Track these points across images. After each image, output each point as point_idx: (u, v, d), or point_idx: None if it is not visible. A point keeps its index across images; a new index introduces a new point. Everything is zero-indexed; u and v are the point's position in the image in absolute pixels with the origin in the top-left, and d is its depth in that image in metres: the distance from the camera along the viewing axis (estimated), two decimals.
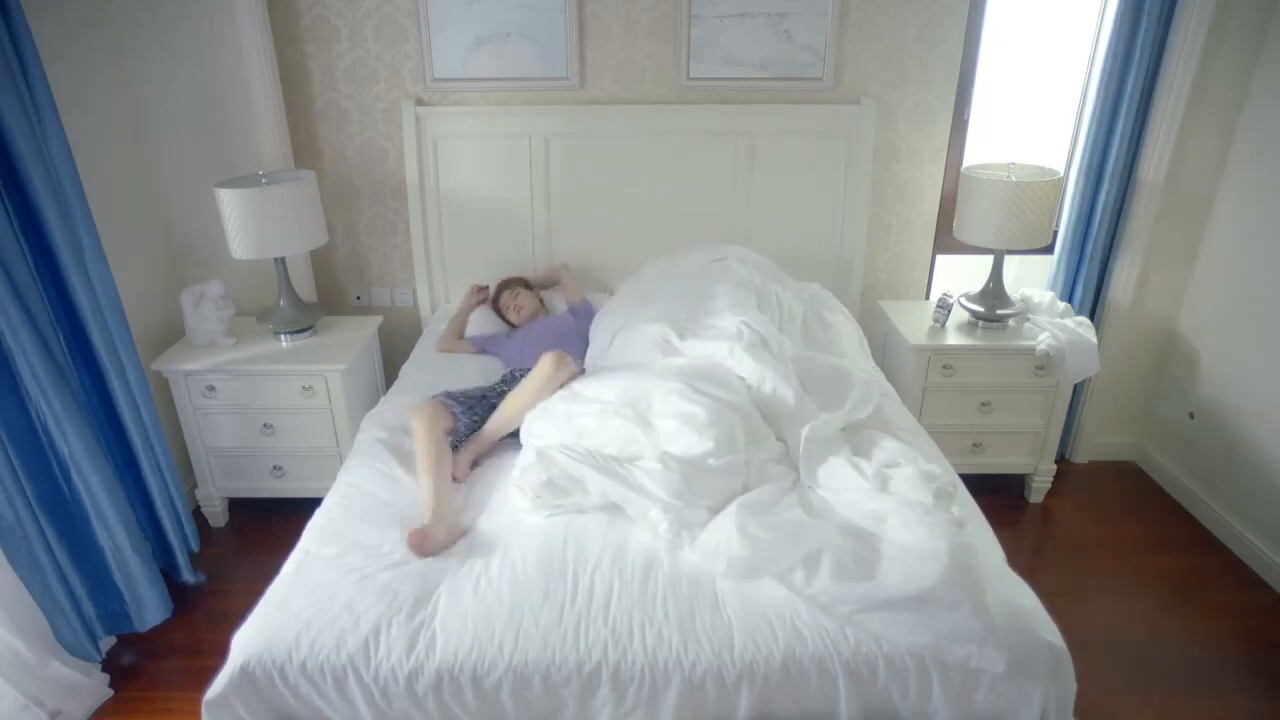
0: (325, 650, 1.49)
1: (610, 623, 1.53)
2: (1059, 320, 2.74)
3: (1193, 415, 2.95)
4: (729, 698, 1.48)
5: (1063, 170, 2.88)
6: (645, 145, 2.88)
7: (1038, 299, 2.86)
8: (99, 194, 2.27)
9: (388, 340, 3.17)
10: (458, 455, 2.05)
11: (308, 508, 1.92)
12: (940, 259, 3.17)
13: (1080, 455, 3.26)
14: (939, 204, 3.03)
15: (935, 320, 2.81)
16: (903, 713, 1.52)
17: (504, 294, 2.83)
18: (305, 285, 2.95)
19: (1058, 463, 2.99)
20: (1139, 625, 2.41)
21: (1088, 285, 2.94)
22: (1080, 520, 2.93)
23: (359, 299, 3.18)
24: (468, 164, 2.90)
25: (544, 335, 2.62)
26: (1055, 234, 2.92)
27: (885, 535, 1.65)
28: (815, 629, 1.51)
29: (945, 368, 2.74)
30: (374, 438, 2.15)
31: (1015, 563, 1.69)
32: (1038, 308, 2.83)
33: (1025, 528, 2.90)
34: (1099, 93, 2.70)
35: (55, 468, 2.06)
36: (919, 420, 2.42)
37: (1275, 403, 2.58)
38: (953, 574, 1.48)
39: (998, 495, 2.96)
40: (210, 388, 2.62)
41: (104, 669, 2.18)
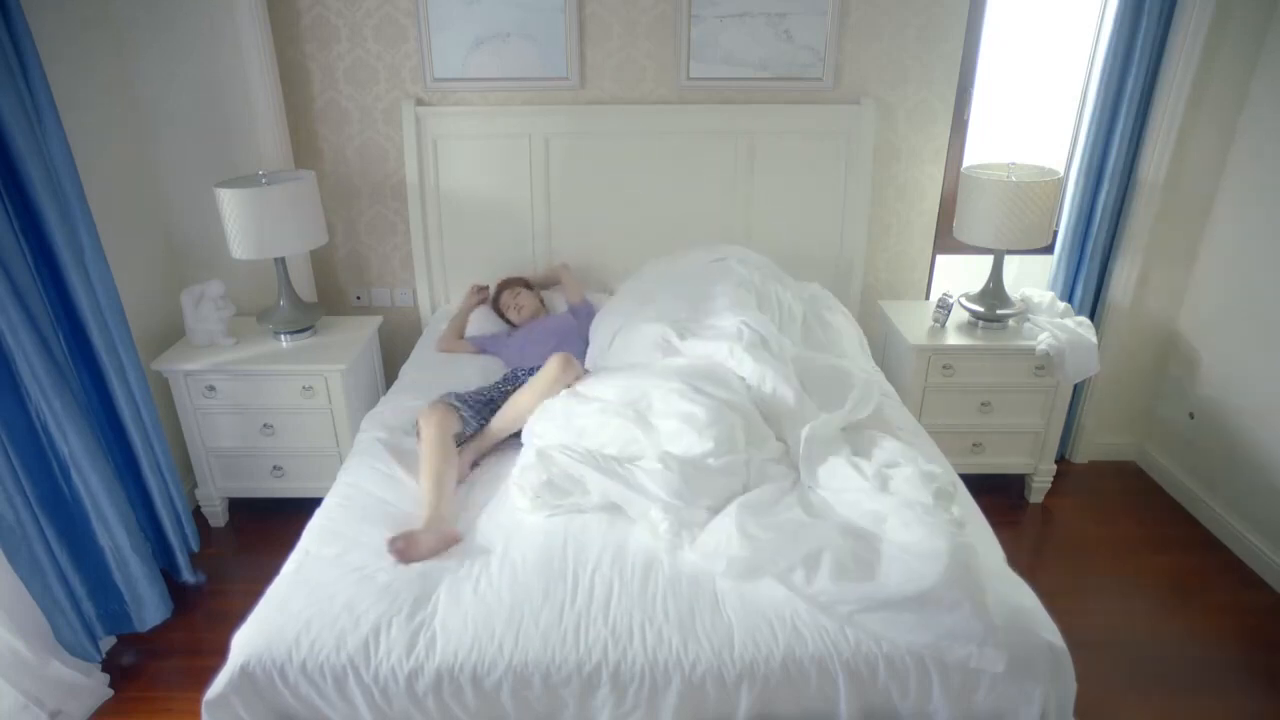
0: (325, 650, 1.49)
1: (610, 623, 1.53)
2: (1059, 320, 2.73)
3: (1193, 415, 2.95)
4: (729, 698, 1.48)
5: (1063, 170, 2.88)
6: (645, 145, 2.88)
7: (1038, 299, 2.86)
8: (99, 194, 2.27)
9: (388, 340, 3.17)
10: (460, 454, 2.05)
11: (308, 508, 1.92)
12: (940, 259, 3.17)
13: (1080, 455, 3.26)
14: (939, 204, 3.03)
15: (935, 320, 2.81)
16: (903, 713, 1.52)
17: (504, 294, 2.83)
18: (305, 285, 2.95)
19: (1058, 463, 2.99)
20: (1139, 625, 2.41)
21: (1088, 285, 2.94)
22: (1080, 520, 2.93)
23: (359, 299, 3.18)
24: (468, 164, 2.90)
25: (544, 335, 2.62)
26: (1055, 234, 2.92)
27: (885, 535, 1.65)
28: (815, 629, 1.51)
29: (945, 368, 2.74)
30: (374, 438, 2.15)
31: (1015, 563, 1.69)
32: (1038, 308, 2.83)
33: (1025, 528, 2.90)
34: (1099, 93, 2.70)
35: (55, 468, 2.06)
36: (919, 420, 2.42)
37: (1275, 403, 2.58)
38: (953, 574, 1.48)
39: (998, 495, 2.96)
40: (210, 388, 2.62)
41: (104, 669, 2.18)
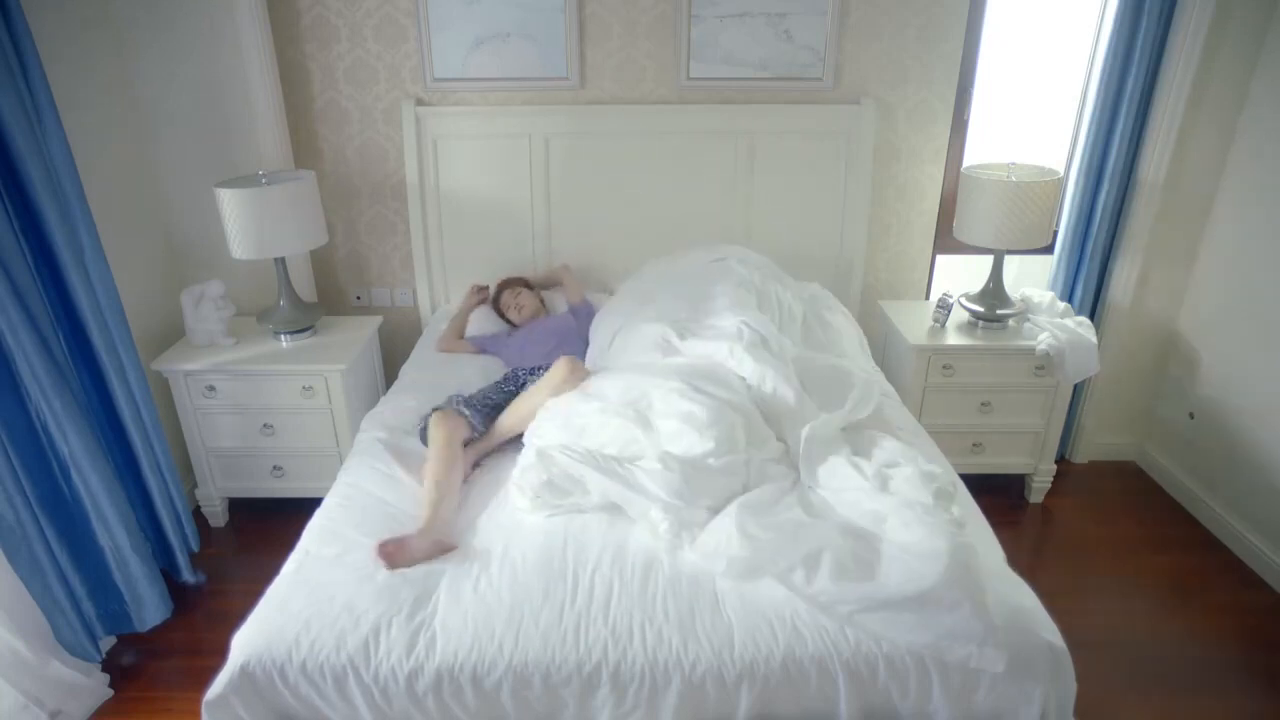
0: (325, 650, 1.49)
1: (610, 623, 1.53)
2: (1059, 320, 2.73)
3: (1193, 415, 2.95)
4: (729, 698, 1.48)
5: (1063, 170, 2.88)
6: (645, 145, 2.88)
7: (1038, 299, 2.86)
8: (99, 194, 2.27)
9: (388, 340, 3.17)
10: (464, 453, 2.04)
11: (308, 508, 1.92)
12: (940, 259, 3.17)
13: (1080, 455, 3.26)
14: (939, 204, 3.03)
15: (935, 320, 2.81)
16: (903, 713, 1.52)
17: (505, 293, 2.83)
18: (305, 285, 2.95)
19: (1058, 463, 2.99)
20: (1139, 625, 2.41)
21: (1088, 285, 2.94)
22: (1080, 520, 2.93)
23: (359, 299, 3.18)
24: (468, 164, 2.90)
25: (544, 335, 2.62)
26: (1055, 234, 2.91)
27: (885, 535, 1.65)
28: (815, 629, 1.51)
29: (945, 368, 2.74)
30: (374, 438, 2.15)
31: (1015, 563, 1.69)
32: (1038, 308, 2.83)
33: (1025, 528, 2.89)
34: (1099, 93, 2.70)
35: (55, 468, 2.06)
36: (919, 420, 2.42)
37: (1275, 403, 2.58)
38: (953, 574, 1.48)
39: (998, 495, 2.96)
40: (210, 388, 2.62)
41: (104, 669, 2.18)
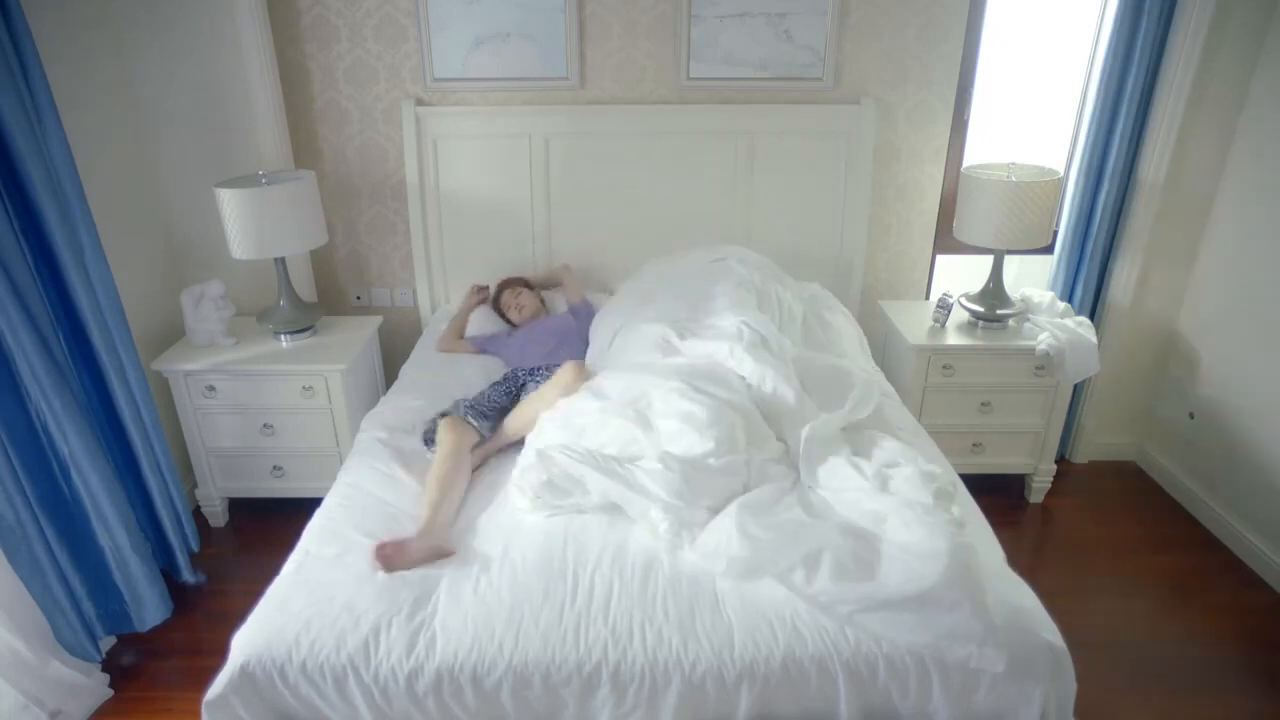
0: (325, 650, 1.49)
1: (610, 623, 1.53)
2: (1059, 320, 2.73)
3: (1193, 415, 2.95)
4: (729, 698, 1.48)
5: (1063, 170, 2.88)
6: (645, 145, 2.88)
7: (1038, 299, 2.86)
8: (99, 194, 2.27)
9: (388, 340, 3.17)
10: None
11: (308, 508, 1.92)
12: (940, 259, 3.17)
13: (1080, 455, 3.26)
14: (939, 204, 3.03)
15: (935, 320, 2.81)
16: (903, 713, 1.52)
17: (505, 293, 2.83)
18: (305, 285, 2.95)
19: (1058, 463, 2.99)
20: (1139, 625, 2.41)
21: (1088, 285, 2.94)
22: (1080, 520, 2.93)
23: (359, 299, 3.18)
24: (468, 164, 2.90)
25: (544, 335, 2.62)
26: (1055, 234, 2.91)
27: (885, 535, 1.65)
28: (815, 629, 1.51)
29: (945, 368, 2.74)
30: (374, 438, 2.15)
31: (1015, 563, 1.69)
32: (1038, 308, 2.83)
33: (1025, 528, 2.89)
34: (1099, 93, 2.70)
35: (55, 468, 2.06)
36: (919, 420, 2.42)
37: (1275, 403, 2.58)
38: (953, 574, 1.48)
39: (998, 495, 2.96)
40: (210, 388, 2.62)
41: (104, 669, 2.18)
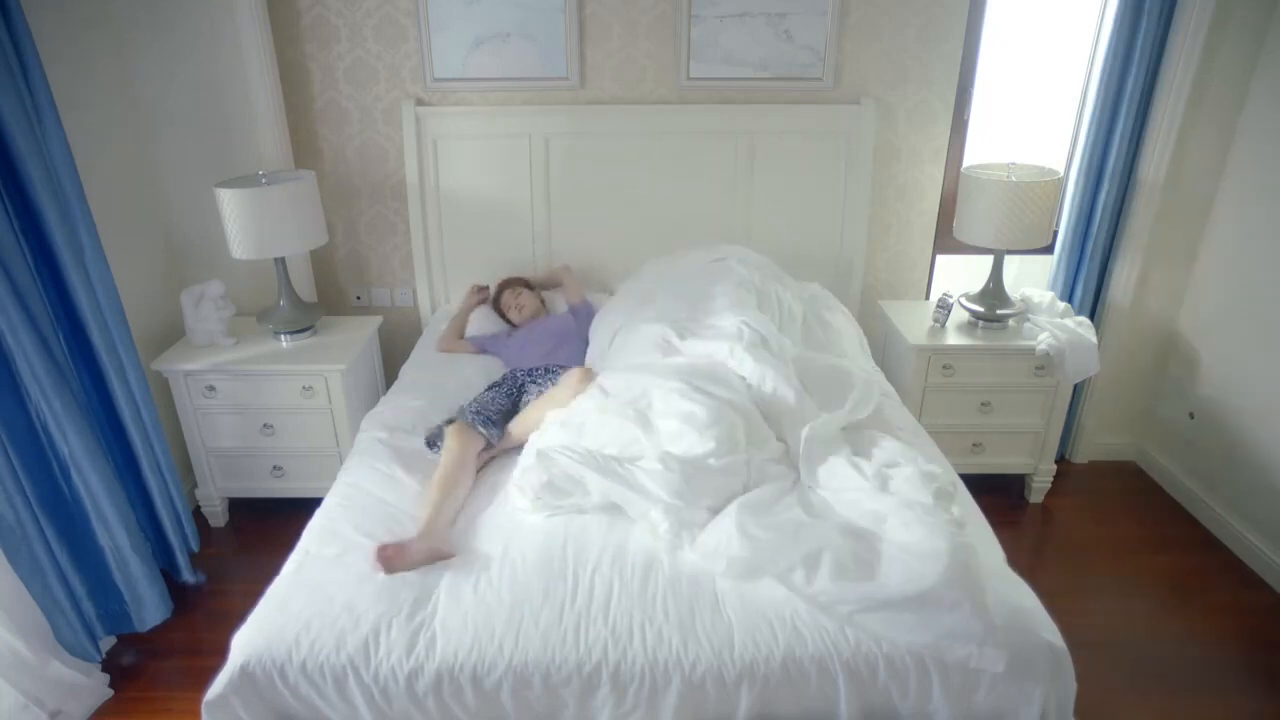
0: (325, 650, 1.49)
1: (610, 623, 1.53)
2: (1059, 320, 2.73)
3: (1193, 415, 2.95)
4: (729, 698, 1.48)
5: (1063, 170, 2.88)
6: (645, 145, 2.88)
7: (1038, 299, 2.86)
8: (99, 194, 2.27)
9: (388, 340, 3.17)
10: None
11: (308, 508, 1.92)
12: (940, 259, 3.17)
13: (1080, 455, 3.26)
14: (939, 204, 3.03)
15: (935, 320, 2.81)
16: (903, 713, 1.52)
17: (505, 293, 2.83)
18: (305, 285, 2.95)
19: (1058, 463, 2.99)
20: (1139, 625, 2.41)
21: (1088, 285, 2.94)
22: (1080, 520, 2.93)
23: (359, 299, 3.18)
24: (468, 164, 2.90)
25: (544, 335, 2.62)
26: (1055, 234, 2.91)
27: (885, 535, 1.65)
28: (815, 629, 1.51)
29: (945, 368, 2.74)
30: (374, 438, 2.15)
31: (1015, 563, 1.69)
32: (1038, 308, 2.83)
33: (1025, 528, 2.89)
34: (1099, 93, 2.70)
35: (55, 468, 2.06)
36: (919, 420, 2.42)
37: (1275, 403, 2.58)
38: (953, 574, 1.48)
39: (998, 495, 2.96)
40: (210, 388, 2.62)
41: (104, 669, 2.18)
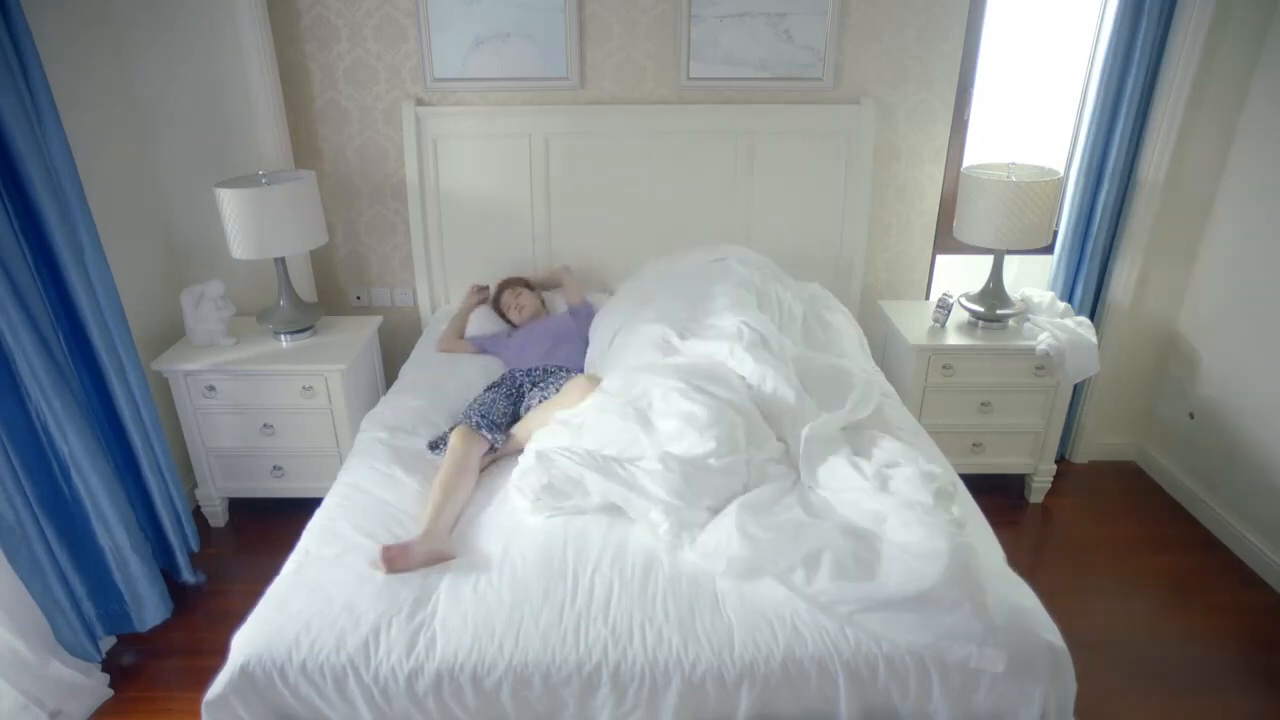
0: (325, 650, 1.49)
1: (610, 623, 1.53)
2: (1059, 320, 2.73)
3: (1193, 415, 2.95)
4: (729, 698, 1.48)
5: (1063, 170, 2.88)
6: (645, 145, 2.88)
7: (1038, 299, 2.86)
8: (99, 194, 2.27)
9: (388, 340, 3.17)
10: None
11: (308, 508, 1.92)
12: (940, 259, 3.17)
13: (1080, 455, 3.26)
14: (939, 204, 3.03)
15: (935, 320, 2.81)
16: (903, 713, 1.52)
17: (505, 293, 2.83)
18: (305, 285, 2.95)
19: (1058, 463, 2.99)
20: (1139, 625, 2.41)
21: (1088, 285, 2.94)
22: (1080, 520, 2.93)
23: (359, 299, 3.18)
24: (468, 164, 2.90)
25: (544, 335, 2.62)
26: (1055, 234, 2.91)
27: (885, 535, 1.65)
28: (815, 629, 1.51)
29: (945, 368, 2.74)
30: (374, 438, 2.15)
31: (1015, 563, 1.69)
32: (1038, 308, 2.83)
33: (1025, 528, 2.89)
34: (1099, 93, 2.70)
35: (55, 468, 2.06)
36: (919, 420, 2.42)
37: (1275, 403, 2.58)
38: (953, 574, 1.48)
39: (998, 495, 2.96)
40: (210, 388, 2.62)
41: (104, 669, 2.18)
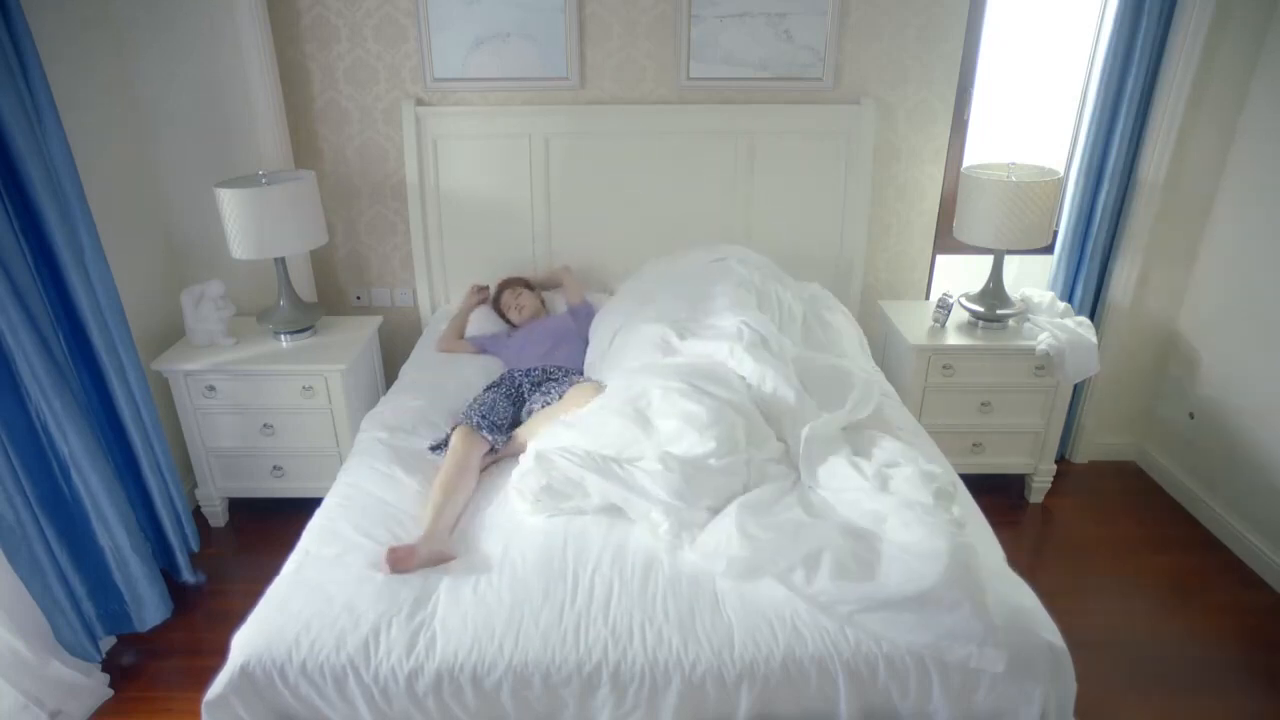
0: (325, 650, 1.49)
1: (610, 623, 1.53)
2: (1059, 320, 2.73)
3: (1193, 415, 2.95)
4: (729, 698, 1.48)
5: (1063, 170, 2.88)
6: (645, 145, 2.88)
7: (1038, 299, 2.86)
8: (99, 194, 2.27)
9: (388, 340, 3.17)
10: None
11: (308, 508, 1.92)
12: (940, 259, 3.17)
13: (1080, 455, 3.25)
14: (939, 204, 3.03)
15: (935, 320, 2.81)
16: (903, 713, 1.52)
17: (505, 293, 2.83)
18: (305, 285, 2.95)
19: (1058, 463, 2.99)
20: (1139, 625, 2.41)
21: (1088, 285, 2.94)
22: (1080, 520, 2.93)
23: (359, 299, 3.18)
24: (468, 164, 2.90)
25: (544, 335, 2.62)
26: (1055, 234, 2.91)
27: (885, 535, 1.65)
28: (815, 629, 1.51)
29: (945, 368, 2.74)
30: (374, 438, 2.15)
31: (1015, 563, 1.69)
32: (1038, 308, 2.83)
33: (1025, 528, 2.89)
34: (1099, 93, 2.70)
35: (55, 468, 2.06)
36: (919, 420, 2.42)
37: (1275, 403, 2.58)
38: (953, 574, 1.48)
39: (998, 495, 2.96)
40: (210, 388, 2.62)
41: (104, 669, 2.18)
